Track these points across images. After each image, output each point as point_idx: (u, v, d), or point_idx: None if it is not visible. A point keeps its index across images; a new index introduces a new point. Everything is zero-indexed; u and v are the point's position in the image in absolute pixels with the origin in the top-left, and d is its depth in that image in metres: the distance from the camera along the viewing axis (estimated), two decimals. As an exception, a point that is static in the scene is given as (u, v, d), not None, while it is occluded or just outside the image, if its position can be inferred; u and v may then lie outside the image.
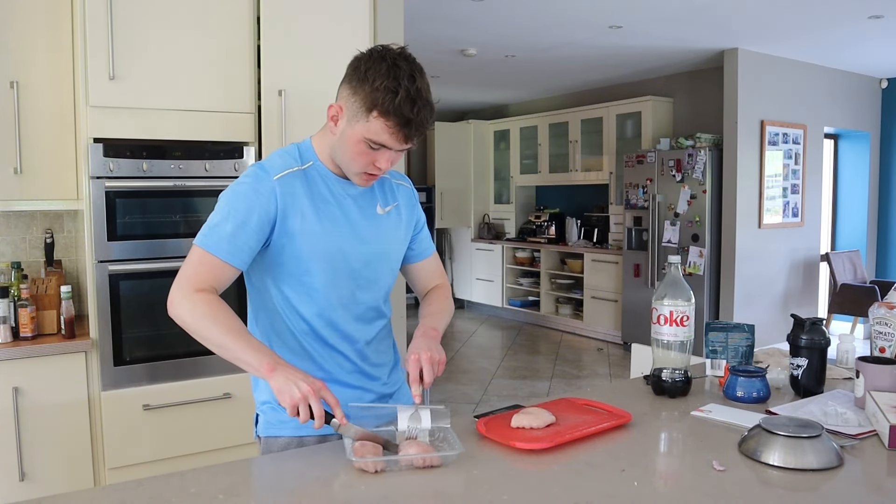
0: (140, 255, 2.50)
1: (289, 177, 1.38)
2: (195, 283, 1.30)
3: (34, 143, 2.49)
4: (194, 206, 2.58)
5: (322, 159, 1.44)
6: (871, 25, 4.88)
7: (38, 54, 2.48)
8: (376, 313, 1.51)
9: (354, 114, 1.31)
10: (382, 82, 1.26)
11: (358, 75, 1.30)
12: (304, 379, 1.23)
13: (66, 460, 2.43)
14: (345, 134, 1.34)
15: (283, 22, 2.70)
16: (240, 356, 1.27)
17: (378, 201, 1.49)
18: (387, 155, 1.34)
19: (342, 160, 1.38)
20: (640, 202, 6.14)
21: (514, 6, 4.43)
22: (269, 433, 1.48)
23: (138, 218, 2.50)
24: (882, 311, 1.68)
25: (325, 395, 1.24)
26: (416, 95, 1.27)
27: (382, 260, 1.49)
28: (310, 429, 1.30)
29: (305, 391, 1.20)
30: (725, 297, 5.75)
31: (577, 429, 1.36)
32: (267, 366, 1.24)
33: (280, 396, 1.21)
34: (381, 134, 1.30)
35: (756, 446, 1.25)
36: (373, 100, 1.27)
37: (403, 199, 1.55)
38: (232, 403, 2.66)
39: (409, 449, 1.23)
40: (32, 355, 2.34)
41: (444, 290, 1.64)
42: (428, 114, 1.30)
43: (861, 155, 6.91)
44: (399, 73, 1.27)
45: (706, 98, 6.26)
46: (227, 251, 1.32)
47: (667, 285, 1.62)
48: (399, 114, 1.27)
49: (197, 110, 2.57)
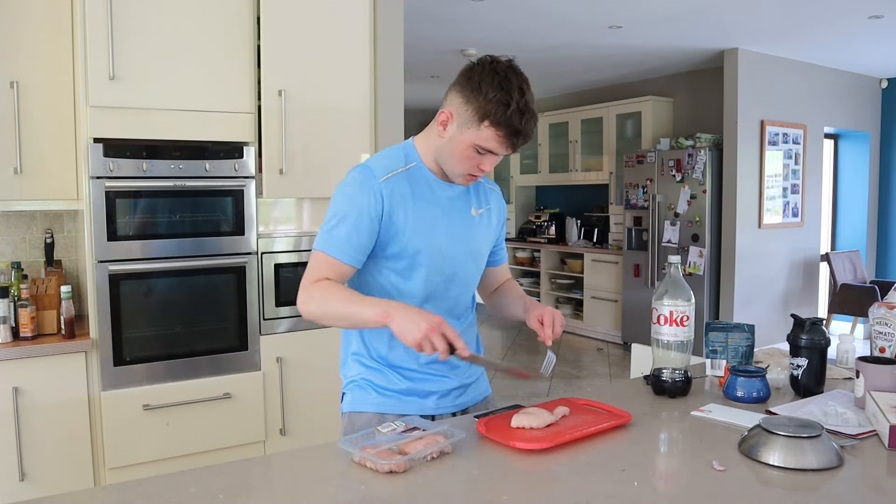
0: (140, 255, 2.50)
1: (393, 178, 1.47)
2: (313, 279, 1.43)
3: (34, 143, 2.49)
4: (194, 206, 2.58)
5: (425, 160, 1.53)
6: (871, 25, 4.88)
7: (38, 54, 2.48)
8: (465, 308, 1.62)
9: (466, 121, 1.40)
10: (496, 95, 1.36)
11: (472, 85, 1.39)
12: (423, 317, 1.30)
13: (66, 460, 2.43)
14: (454, 139, 1.43)
15: (283, 22, 2.70)
16: (359, 317, 1.37)
17: (473, 204, 1.59)
18: (492, 159, 1.45)
19: (448, 161, 1.47)
20: (640, 202, 6.14)
21: (514, 6, 4.43)
22: (354, 409, 1.55)
23: (138, 218, 2.50)
24: (882, 311, 1.68)
25: (445, 329, 1.30)
26: (524, 108, 1.37)
27: (473, 258, 1.59)
28: (391, 407, 1.52)
29: (426, 329, 1.28)
30: (725, 297, 5.75)
31: (577, 429, 1.36)
32: (381, 314, 1.33)
33: (403, 338, 1.30)
34: (491, 141, 1.40)
35: (756, 446, 1.25)
36: (486, 110, 1.37)
37: (494, 204, 1.66)
38: (232, 403, 2.66)
39: (418, 444, 1.24)
40: (32, 355, 2.34)
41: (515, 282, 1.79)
42: (533, 124, 1.41)
43: (861, 155, 6.91)
44: (510, 87, 1.36)
45: (706, 98, 6.26)
46: (345, 253, 1.43)
47: (667, 285, 1.62)
48: (510, 125, 1.37)
49: (197, 110, 2.57)
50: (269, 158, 2.70)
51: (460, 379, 1.61)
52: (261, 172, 2.71)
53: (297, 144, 2.75)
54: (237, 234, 2.64)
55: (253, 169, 2.68)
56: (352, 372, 1.58)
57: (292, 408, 2.80)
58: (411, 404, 1.54)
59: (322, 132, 2.81)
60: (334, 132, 2.84)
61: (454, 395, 1.59)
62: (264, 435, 2.75)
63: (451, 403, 1.58)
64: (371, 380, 1.55)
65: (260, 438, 2.74)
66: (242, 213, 2.66)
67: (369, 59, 2.90)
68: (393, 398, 1.53)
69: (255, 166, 2.69)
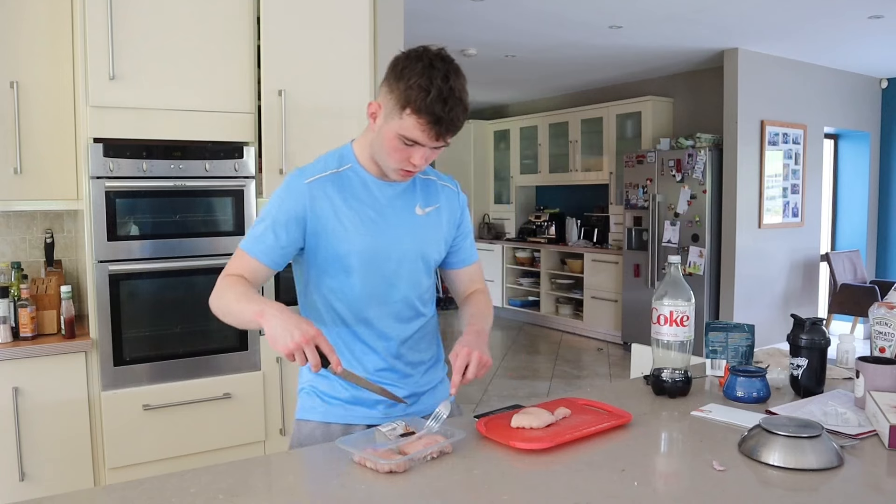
0: (140, 255, 2.50)
1: (320, 180, 1.44)
2: (225, 274, 1.41)
3: (34, 143, 2.49)
4: (194, 206, 2.58)
5: (361, 161, 1.49)
6: (871, 25, 4.88)
7: (38, 54, 2.48)
8: (413, 312, 1.53)
9: (390, 111, 1.35)
10: (417, 80, 1.30)
11: (395, 73, 1.35)
12: (298, 326, 1.23)
13: (66, 460, 2.43)
14: (381, 130, 1.38)
15: (283, 22, 2.70)
16: (241, 317, 1.33)
17: (418, 202, 1.52)
18: (421, 152, 1.37)
19: (379, 156, 1.43)
20: (640, 202, 6.14)
21: (515, 6, 4.43)
22: (301, 416, 1.54)
23: (138, 218, 2.50)
24: (882, 311, 1.68)
25: (320, 341, 1.25)
26: (447, 94, 1.30)
27: (418, 260, 1.51)
28: (336, 417, 1.48)
29: (299, 340, 1.22)
30: (725, 297, 5.75)
31: (577, 429, 1.36)
32: (256, 314, 1.27)
33: (274, 344, 1.24)
34: (414, 130, 1.33)
35: (756, 446, 1.25)
36: (406, 97, 1.31)
37: (446, 202, 1.58)
38: (232, 403, 2.66)
39: (417, 444, 1.24)
40: (32, 355, 2.34)
41: (486, 295, 1.66)
42: (459, 113, 1.33)
43: (861, 155, 6.91)
44: (434, 73, 1.31)
45: (706, 98, 6.26)
46: (259, 251, 1.41)
47: (667, 285, 1.62)
48: (431, 111, 1.30)
49: (197, 110, 2.57)
50: (269, 158, 2.70)
51: (412, 388, 1.53)
52: (261, 172, 2.71)
53: (297, 144, 2.75)
54: (237, 234, 2.64)
55: (253, 169, 2.68)
56: (302, 378, 1.56)
57: (292, 408, 2.77)
58: (357, 413, 1.48)
59: (322, 132, 2.81)
60: (334, 132, 2.83)
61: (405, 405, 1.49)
62: (264, 435, 2.75)
63: (402, 412, 1.49)
64: (317, 387, 1.51)
65: (260, 438, 2.74)
66: (242, 213, 2.66)
67: (369, 59, 2.90)
68: (338, 406, 1.49)
69: (255, 166, 2.69)
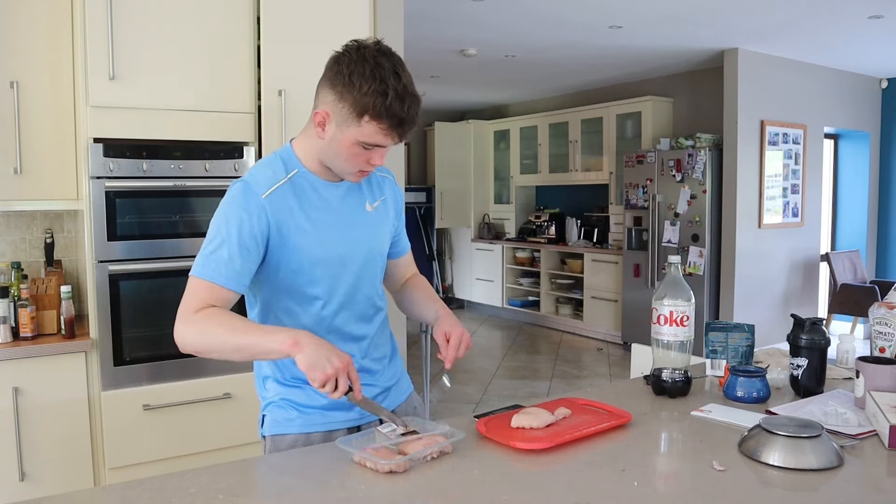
0: (140, 255, 2.50)
1: (277, 192, 1.36)
2: (194, 307, 1.30)
3: (34, 143, 2.49)
4: (194, 206, 2.58)
5: (307, 164, 1.42)
6: (871, 25, 4.88)
7: (38, 54, 2.48)
8: (374, 308, 1.52)
9: (344, 119, 1.30)
10: (370, 86, 1.25)
11: (342, 80, 1.28)
12: (335, 353, 1.23)
13: (66, 460, 2.43)
14: (335, 138, 1.33)
15: (283, 22, 2.70)
16: (260, 348, 1.27)
17: (366, 199, 1.49)
18: (380, 152, 1.35)
19: (335, 163, 1.38)
20: (640, 202, 6.14)
21: (514, 6, 4.43)
22: (276, 431, 1.47)
23: (138, 218, 2.50)
24: (882, 311, 1.68)
25: (351, 370, 1.25)
26: (403, 93, 1.27)
27: (376, 256, 1.50)
28: (316, 426, 1.42)
29: (338, 367, 1.21)
30: (725, 297, 5.75)
31: (577, 429, 1.36)
32: (289, 343, 1.23)
33: (311, 371, 1.21)
34: (375, 136, 1.30)
35: (756, 446, 1.25)
36: (363, 105, 1.26)
37: (389, 193, 1.56)
38: (232, 403, 2.66)
39: (417, 444, 1.24)
40: (32, 355, 2.34)
41: (423, 278, 1.67)
42: (417, 108, 1.31)
43: (861, 155, 6.91)
44: (384, 73, 1.26)
45: (706, 98, 6.26)
46: (226, 276, 1.31)
47: (667, 285, 1.62)
48: (392, 115, 1.27)
49: (197, 110, 2.57)
50: (269, 158, 2.70)
51: (382, 383, 1.53)
52: (261, 172, 2.70)
53: (297, 144, 2.74)
54: (237, 234, 2.64)
55: (253, 169, 2.68)
56: (270, 392, 1.48)
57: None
58: (336, 418, 1.45)
59: (322, 132, 2.81)
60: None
61: (377, 401, 1.49)
62: (264, 435, 2.75)
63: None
64: (290, 398, 1.45)
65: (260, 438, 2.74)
66: (242, 213, 2.65)
67: (369, 59, 2.90)
68: (316, 414, 1.44)
69: (255, 166, 2.69)
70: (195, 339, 1.29)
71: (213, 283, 1.31)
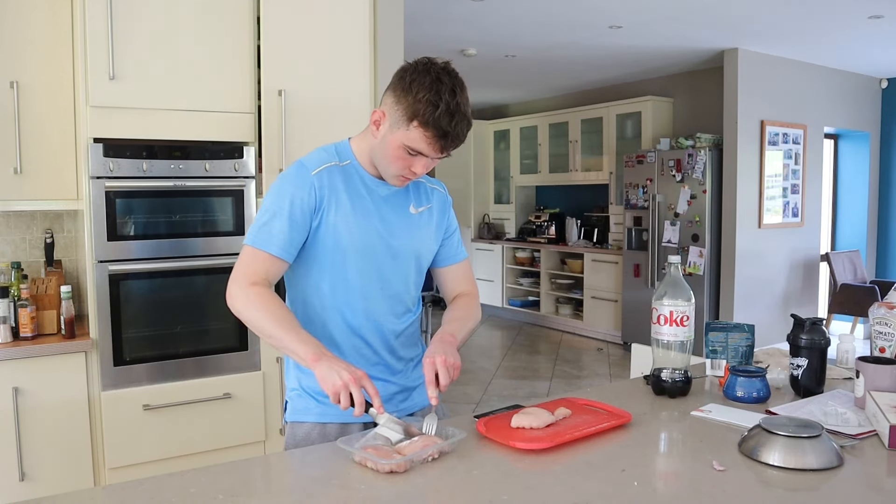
0: (140, 255, 2.50)
1: (326, 171, 1.46)
2: (250, 278, 1.40)
3: (34, 143, 2.49)
4: (194, 206, 2.58)
5: (360, 160, 1.51)
6: (871, 25, 4.88)
7: (38, 54, 2.48)
8: (405, 308, 1.57)
9: (396, 121, 1.38)
10: (425, 95, 1.34)
11: (403, 85, 1.38)
12: (347, 368, 1.29)
13: (66, 460, 2.43)
14: (385, 139, 1.41)
15: (283, 22, 2.70)
16: (288, 346, 1.36)
17: (412, 202, 1.56)
18: (423, 161, 1.42)
19: (380, 162, 1.45)
20: (640, 202, 6.14)
21: (514, 6, 4.43)
22: (295, 418, 1.54)
23: (138, 218, 2.50)
24: (882, 311, 1.68)
25: (366, 384, 1.30)
26: (454, 110, 1.35)
27: (411, 257, 1.55)
28: (332, 416, 1.48)
29: (347, 380, 1.27)
30: (725, 297, 5.75)
31: (577, 429, 1.36)
32: (312, 356, 1.31)
33: (323, 384, 1.29)
34: (419, 142, 1.37)
35: (756, 446, 1.25)
36: (414, 110, 1.35)
37: (437, 203, 1.62)
38: (232, 403, 2.66)
39: (417, 444, 1.24)
40: (32, 355, 2.34)
41: (470, 299, 1.66)
42: (464, 127, 1.38)
43: (861, 155, 6.91)
44: (441, 88, 1.35)
45: (706, 98, 6.26)
46: (277, 247, 1.41)
47: (667, 285, 1.62)
48: (438, 126, 1.35)
49: (197, 110, 2.57)
50: (269, 158, 2.70)
51: (403, 382, 1.57)
52: (261, 172, 2.71)
53: (297, 144, 2.75)
54: (237, 234, 2.64)
55: (253, 169, 2.68)
56: (293, 381, 1.56)
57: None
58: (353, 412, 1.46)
59: (322, 132, 2.79)
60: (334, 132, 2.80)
61: (397, 401, 1.54)
62: (264, 435, 2.75)
63: (395, 409, 1.52)
64: (310, 389, 1.52)
65: (260, 438, 2.74)
66: (242, 213, 2.66)
67: (369, 59, 2.90)
68: (333, 406, 1.42)
69: (255, 166, 2.69)
70: (241, 309, 1.39)
71: (266, 251, 1.41)
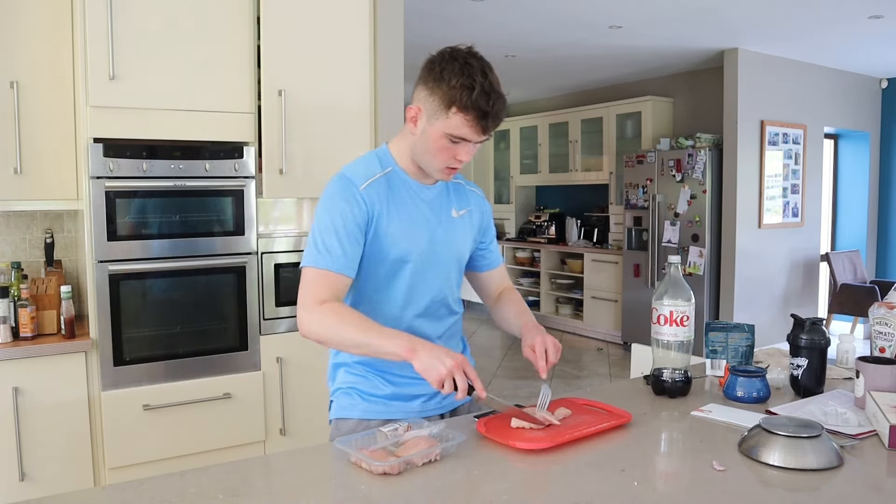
0: (140, 255, 2.50)
1: (374, 184, 1.46)
2: (318, 298, 1.39)
3: (34, 143, 2.49)
4: (194, 206, 2.58)
5: (400, 163, 1.52)
6: (871, 25, 4.88)
7: (38, 54, 2.48)
8: (447, 310, 1.59)
9: (434, 112, 1.40)
10: (458, 80, 1.36)
11: (434, 76, 1.39)
12: (448, 354, 1.31)
13: (66, 460, 2.43)
14: (426, 132, 1.42)
15: (283, 22, 2.70)
16: (378, 348, 1.36)
17: (453, 205, 1.58)
18: (467, 147, 1.43)
19: (424, 158, 1.46)
20: (640, 202, 6.14)
21: (514, 6, 4.43)
22: (340, 415, 1.55)
23: (138, 218, 2.50)
24: (882, 311, 1.68)
25: (467, 369, 1.31)
26: (489, 89, 1.37)
27: (454, 260, 1.58)
28: (376, 413, 1.51)
29: (451, 367, 1.29)
30: (725, 297, 5.75)
31: (577, 429, 1.36)
32: (405, 350, 1.32)
33: (426, 374, 1.30)
34: (462, 128, 1.38)
35: (756, 446, 1.25)
36: (451, 97, 1.36)
37: (476, 206, 1.64)
38: (232, 403, 2.66)
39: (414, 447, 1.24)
40: (32, 355, 2.34)
41: (515, 292, 1.73)
42: (502, 105, 1.40)
43: (861, 155, 6.91)
44: (472, 70, 1.37)
45: (706, 98, 6.26)
46: (340, 265, 1.41)
47: (667, 285, 1.62)
48: (477, 107, 1.36)
49: (197, 110, 2.57)
50: (269, 158, 2.70)
51: None
52: (261, 172, 2.71)
53: (297, 144, 2.75)
54: (237, 234, 2.64)
55: (253, 169, 2.68)
56: (338, 380, 1.58)
57: (292, 408, 2.80)
58: (396, 408, 1.52)
59: (322, 132, 2.81)
60: (334, 132, 2.84)
61: (440, 397, 1.56)
62: (264, 435, 2.75)
63: (438, 405, 1.57)
64: (356, 386, 1.54)
65: (260, 438, 2.74)
66: (242, 213, 2.66)
67: (369, 59, 2.90)
68: (378, 403, 1.52)
69: (255, 166, 2.69)
70: (318, 330, 1.38)
71: (329, 270, 1.40)
